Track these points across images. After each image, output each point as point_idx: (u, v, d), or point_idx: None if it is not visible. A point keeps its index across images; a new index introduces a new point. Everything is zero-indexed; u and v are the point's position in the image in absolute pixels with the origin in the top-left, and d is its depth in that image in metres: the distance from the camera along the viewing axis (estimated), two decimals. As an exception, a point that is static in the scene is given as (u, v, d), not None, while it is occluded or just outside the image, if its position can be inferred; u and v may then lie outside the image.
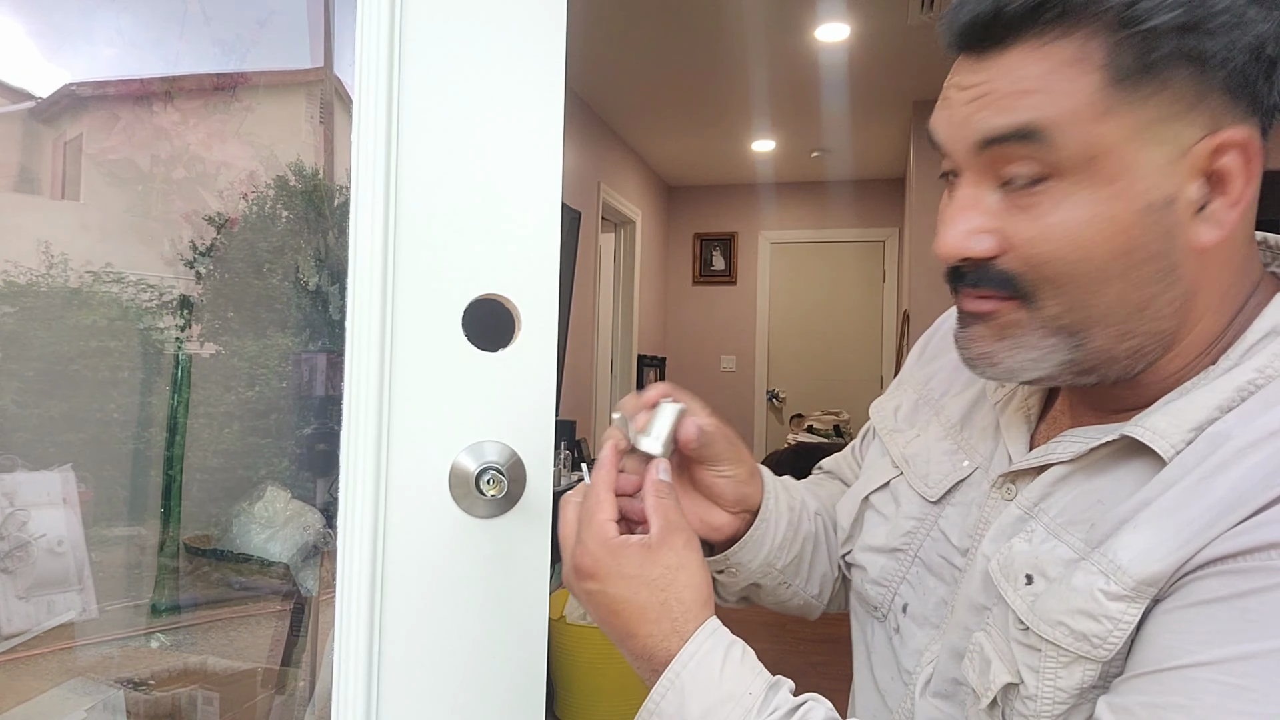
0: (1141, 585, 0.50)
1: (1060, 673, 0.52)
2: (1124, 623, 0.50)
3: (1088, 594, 0.51)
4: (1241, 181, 0.52)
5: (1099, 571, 0.51)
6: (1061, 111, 0.51)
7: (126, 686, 1.11)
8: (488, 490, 0.65)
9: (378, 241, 0.64)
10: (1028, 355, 0.56)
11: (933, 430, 0.72)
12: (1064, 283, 0.53)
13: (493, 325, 0.67)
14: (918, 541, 0.69)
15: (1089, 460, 0.58)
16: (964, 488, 0.67)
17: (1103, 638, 0.51)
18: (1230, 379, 0.53)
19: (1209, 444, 0.51)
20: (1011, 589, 0.56)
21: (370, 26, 0.65)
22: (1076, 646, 0.52)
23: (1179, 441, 0.53)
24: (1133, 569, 0.50)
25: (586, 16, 3.48)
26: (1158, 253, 0.52)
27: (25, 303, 1.05)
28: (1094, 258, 0.52)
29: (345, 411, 0.65)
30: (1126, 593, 0.50)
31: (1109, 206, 0.51)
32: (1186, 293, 0.54)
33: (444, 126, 0.66)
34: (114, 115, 1.13)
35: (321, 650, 1.16)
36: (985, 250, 0.55)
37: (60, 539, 1.05)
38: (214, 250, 1.13)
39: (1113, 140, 0.51)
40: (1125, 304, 0.53)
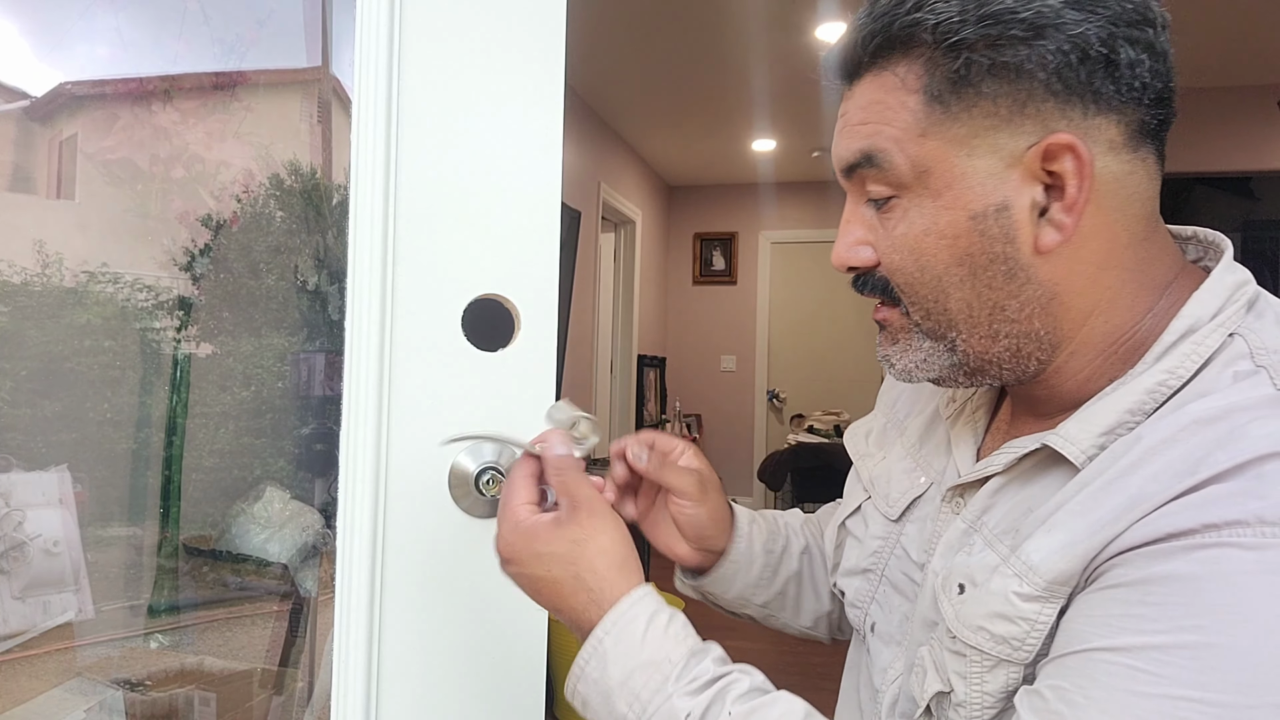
0: (1052, 585, 0.51)
1: (985, 677, 0.54)
2: (1039, 623, 0.51)
3: (1003, 597, 0.53)
4: (1075, 184, 0.53)
5: (1013, 574, 0.53)
6: (891, 134, 0.56)
7: (124, 687, 1.10)
8: (487, 490, 0.65)
9: (377, 241, 0.64)
10: (915, 357, 0.61)
11: (895, 451, 0.73)
12: (915, 290, 0.58)
13: (493, 325, 0.67)
14: (883, 561, 0.70)
15: (1020, 470, 0.59)
16: (920, 504, 0.68)
17: (1020, 639, 0.52)
18: (1140, 382, 0.54)
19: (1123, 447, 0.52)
20: (946, 600, 0.57)
21: (370, 26, 0.64)
22: (997, 650, 0.53)
23: (1089, 446, 0.54)
24: (1043, 568, 0.51)
25: (586, 16, 3.48)
26: (997, 256, 0.55)
27: (20, 302, 1.04)
28: (934, 265, 0.56)
29: (344, 411, 0.64)
30: (1039, 593, 0.51)
31: (940, 217, 0.55)
32: (1046, 294, 0.56)
33: (444, 126, 0.66)
34: (113, 114, 1.12)
35: (320, 651, 1.16)
36: (865, 260, 0.60)
37: (56, 539, 1.05)
38: (212, 250, 1.13)
39: (937, 155, 0.55)
40: (979, 306, 0.56)
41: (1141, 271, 0.57)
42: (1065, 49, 0.52)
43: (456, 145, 0.66)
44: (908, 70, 0.55)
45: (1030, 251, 0.55)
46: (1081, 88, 0.52)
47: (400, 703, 0.65)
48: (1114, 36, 0.52)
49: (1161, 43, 0.54)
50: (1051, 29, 0.51)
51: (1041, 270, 0.55)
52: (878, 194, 0.58)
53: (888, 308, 0.62)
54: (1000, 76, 0.53)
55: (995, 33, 0.52)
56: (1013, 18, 0.52)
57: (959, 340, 0.58)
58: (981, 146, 0.54)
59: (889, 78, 0.56)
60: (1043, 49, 0.52)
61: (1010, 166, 0.54)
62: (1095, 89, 0.53)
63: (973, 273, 0.56)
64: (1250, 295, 0.57)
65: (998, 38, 0.52)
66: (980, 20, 0.52)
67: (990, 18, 0.52)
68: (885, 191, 0.57)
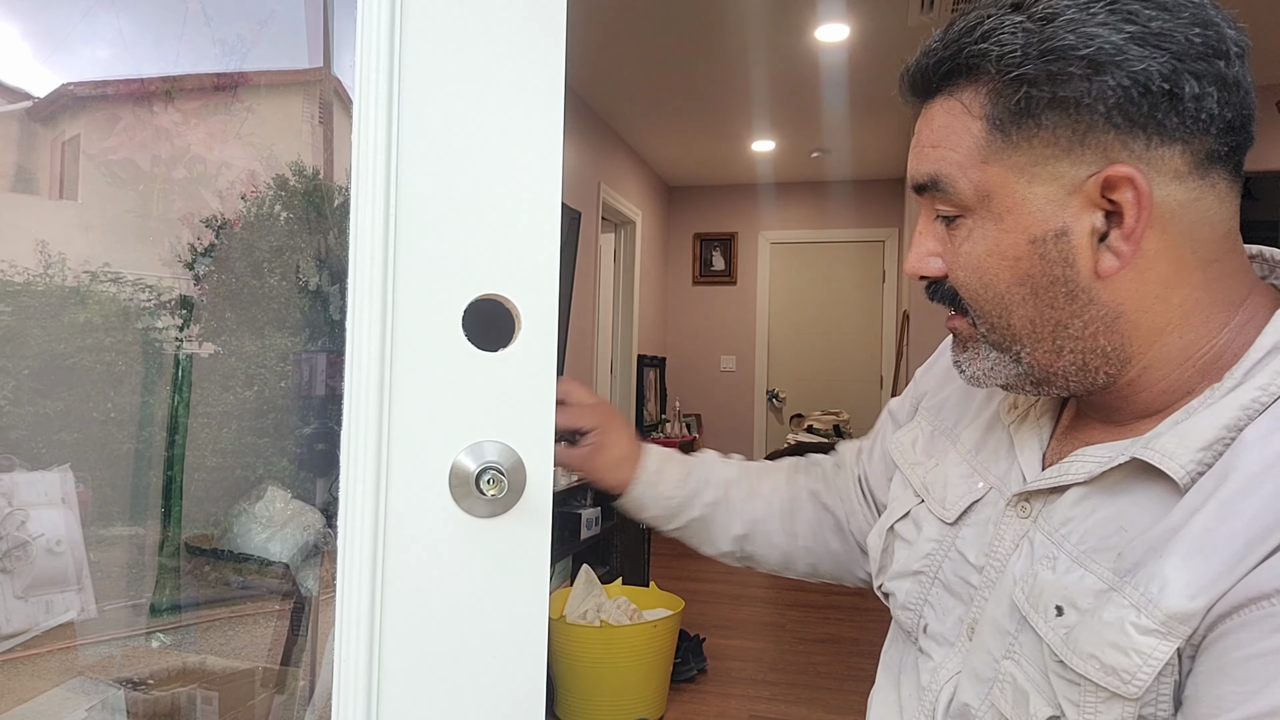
0: (1171, 621, 0.50)
1: (1100, 708, 0.53)
2: (1154, 659, 0.50)
3: (1118, 627, 0.52)
4: (1133, 214, 0.55)
5: (1130, 604, 0.52)
6: (955, 159, 0.59)
7: (126, 686, 1.10)
8: (488, 490, 0.65)
9: (378, 241, 0.64)
10: (983, 365, 0.63)
11: (950, 458, 0.74)
12: (980, 305, 0.61)
13: (493, 325, 0.67)
14: (936, 563, 0.70)
15: (1105, 482, 0.59)
16: (979, 508, 0.69)
17: (1131, 673, 0.51)
18: (1235, 397, 0.54)
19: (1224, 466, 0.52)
20: (1042, 620, 0.57)
21: (370, 27, 0.64)
22: (1107, 681, 0.52)
23: (1189, 462, 0.54)
24: (1163, 603, 0.50)
25: (586, 17, 3.48)
26: (1058, 279, 0.57)
27: (23, 302, 1.05)
28: (996, 284, 0.59)
29: (345, 411, 0.65)
30: (1156, 627, 0.50)
31: (1002, 240, 0.58)
32: (1111, 314, 0.57)
33: (444, 126, 0.66)
34: (114, 115, 1.13)
35: (321, 650, 1.16)
36: (935, 271, 0.63)
37: (59, 539, 1.05)
38: (214, 250, 1.13)
39: (998, 181, 0.57)
40: (1041, 324, 0.59)
41: (1214, 290, 0.58)
42: (1126, 84, 0.53)
43: (457, 146, 0.66)
44: (973, 98, 0.58)
45: (1090, 275, 0.57)
46: (1144, 120, 0.54)
47: (400, 702, 0.66)
48: (1178, 71, 0.53)
49: (1235, 73, 0.55)
50: (1112, 66, 0.53)
51: (1104, 292, 0.57)
52: (946, 212, 0.61)
53: (959, 317, 0.64)
54: (1060, 110, 0.54)
55: (1055, 69, 0.54)
56: (1073, 54, 0.53)
57: (1024, 353, 0.60)
58: (1041, 174, 0.56)
59: (955, 103, 0.59)
60: (1103, 84, 0.53)
61: (1071, 194, 0.56)
62: (1159, 121, 0.54)
63: (1034, 293, 0.58)
64: None
65: (1058, 73, 0.54)
66: (1042, 55, 0.54)
67: (1052, 53, 0.53)
68: (951, 211, 0.60)
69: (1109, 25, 0.53)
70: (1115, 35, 0.53)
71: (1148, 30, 0.53)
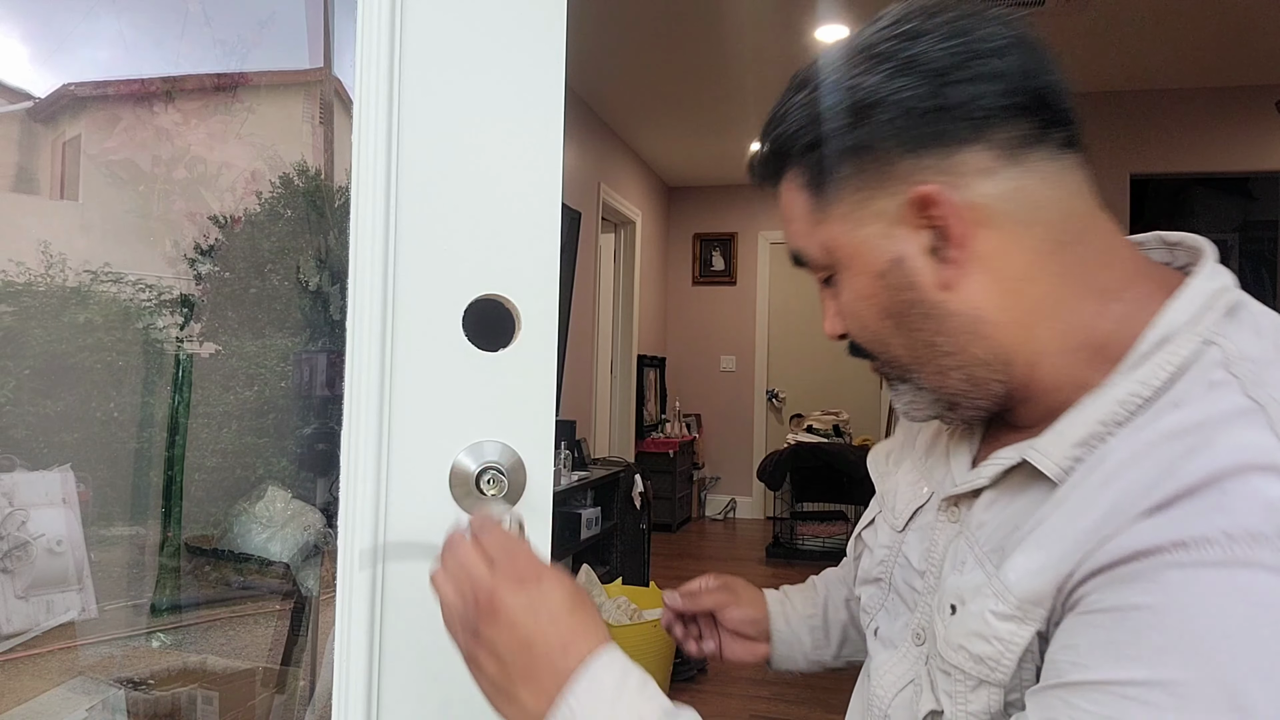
0: (1025, 604, 0.52)
1: (969, 697, 0.55)
2: (1013, 644, 0.53)
3: (980, 616, 0.55)
4: (958, 224, 0.57)
5: (992, 594, 0.55)
6: (800, 230, 0.65)
7: (127, 686, 1.11)
8: (488, 490, 0.65)
9: (378, 241, 0.64)
10: (903, 399, 0.66)
11: (905, 464, 0.76)
12: (870, 347, 0.65)
13: (493, 325, 0.67)
14: (889, 569, 0.72)
15: (1006, 484, 0.61)
16: (922, 513, 0.70)
17: (996, 660, 0.53)
18: (1111, 393, 0.55)
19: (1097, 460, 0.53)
20: (940, 621, 0.59)
21: (371, 27, 0.65)
22: (976, 670, 0.55)
23: (1062, 458, 0.55)
24: (1017, 588, 0.53)
25: (586, 16, 3.48)
26: (910, 302, 0.60)
27: (24, 302, 1.05)
28: (869, 324, 0.63)
29: (346, 411, 0.65)
30: (1013, 612, 0.53)
31: (856, 283, 0.62)
32: (970, 320, 0.59)
33: (444, 126, 0.66)
34: (115, 116, 1.13)
35: (322, 650, 1.16)
36: (837, 330, 0.68)
37: (59, 538, 1.05)
38: (214, 250, 1.13)
39: (834, 235, 0.62)
40: (916, 348, 0.62)
41: (1076, 275, 0.59)
42: (894, 115, 0.57)
43: (457, 146, 0.67)
44: (792, 175, 0.64)
45: (936, 290, 0.59)
46: (926, 138, 0.57)
47: (401, 702, 0.66)
48: (937, 87, 0.57)
49: (1007, 64, 0.57)
50: (878, 104, 0.58)
51: (955, 303, 0.59)
52: (821, 277, 0.66)
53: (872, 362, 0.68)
54: (853, 157, 0.60)
55: (835, 125, 0.60)
56: (843, 107, 0.59)
57: (919, 379, 0.63)
58: (864, 216, 0.60)
59: (785, 184, 0.66)
60: (876, 122, 0.58)
61: (894, 225, 0.59)
62: (940, 133, 0.57)
63: (898, 322, 0.61)
64: (1231, 301, 0.57)
65: (838, 128, 0.60)
66: (820, 119, 0.60)
67: (827, 113, 0.60)
68: (822, 274, 0.66)
69: (868, 72, 0.58)
70: (873, 78, 0.58)
71: (899, 63, 0.57)
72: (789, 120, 0.63)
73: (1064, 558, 0.51)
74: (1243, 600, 0.45)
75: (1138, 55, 3.85)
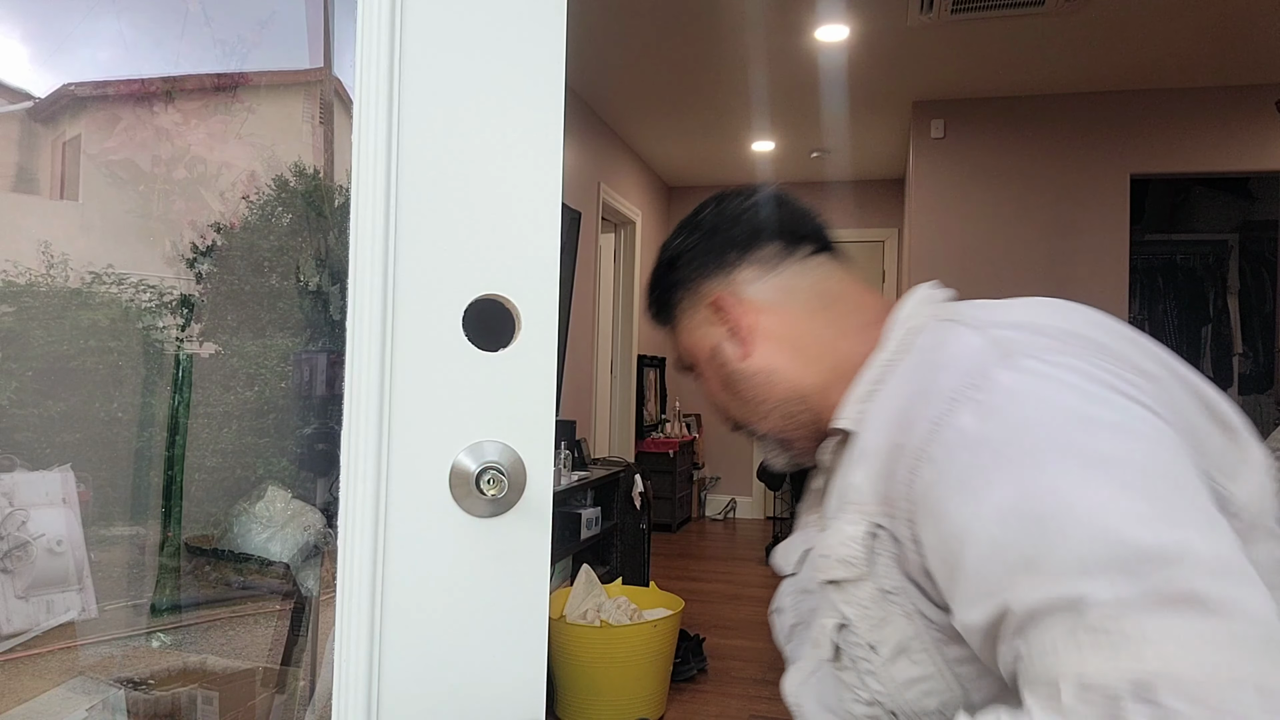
0: (857, 507, 0.71)
1: (856, 593, 0.70)
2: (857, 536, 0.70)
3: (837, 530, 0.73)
4: (739, 315, 0.85)
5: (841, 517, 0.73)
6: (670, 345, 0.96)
7: (127, 686, 1.11)
8: (488, 490, 0.65)
9: (378, 241, 0.64)
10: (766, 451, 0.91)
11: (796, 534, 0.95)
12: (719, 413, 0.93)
13: (493, 325, 0.67)
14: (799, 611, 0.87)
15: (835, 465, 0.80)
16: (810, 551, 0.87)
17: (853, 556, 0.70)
18: (875, 362, 0.78)
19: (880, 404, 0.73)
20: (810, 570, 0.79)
21: (371, 28, 0.65)
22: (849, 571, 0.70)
23: (851, 412, 0.77)
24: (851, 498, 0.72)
25: (586, 16, 3.48)
26: (732, 373, 0.87)
27: (24, 303, 1.05)
28: (715, 395, 0.91)
29: (346, 411, 0.65)
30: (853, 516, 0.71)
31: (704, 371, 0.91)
32: (766, 374, 0.85)
33: (444, 126, 0.66)
34: (115, 116, 1.13)
35: (322, 650, 1.16)
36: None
37: (59, 539, 1.05)
38: (214, 250, 1.13)
39: (681, 342, 0.93)
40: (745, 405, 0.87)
41: (841, 322, 0.84)
42: (678, 263, 0.90)
43: (457, 146, 0.67)
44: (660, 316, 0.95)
45: (739, 360, 0.86)
46: (704, 270, 0.88)
47: (401, 702, 0.66)
48: (707, 246, 0.88)
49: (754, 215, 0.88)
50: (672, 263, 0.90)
51: (753, 366, 0.85)
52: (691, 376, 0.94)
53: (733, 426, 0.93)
54: (671, 294, 0.91)
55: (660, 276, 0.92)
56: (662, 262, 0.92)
57: (754, 428, 0.89)
58: (690, 326, 0.90)
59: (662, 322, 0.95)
60: (671, 270, 0.91)
61: (703, 325, 0.89)
62: (723, 261, 0.87)
63: (729, 389, 0.88)
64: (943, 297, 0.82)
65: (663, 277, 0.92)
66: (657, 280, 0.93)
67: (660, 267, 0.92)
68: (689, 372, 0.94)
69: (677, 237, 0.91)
70: (677, 239, 0.91)
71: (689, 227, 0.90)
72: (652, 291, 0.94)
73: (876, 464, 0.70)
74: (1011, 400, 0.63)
75: (1138, 55, 3.84)
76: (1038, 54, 3.85)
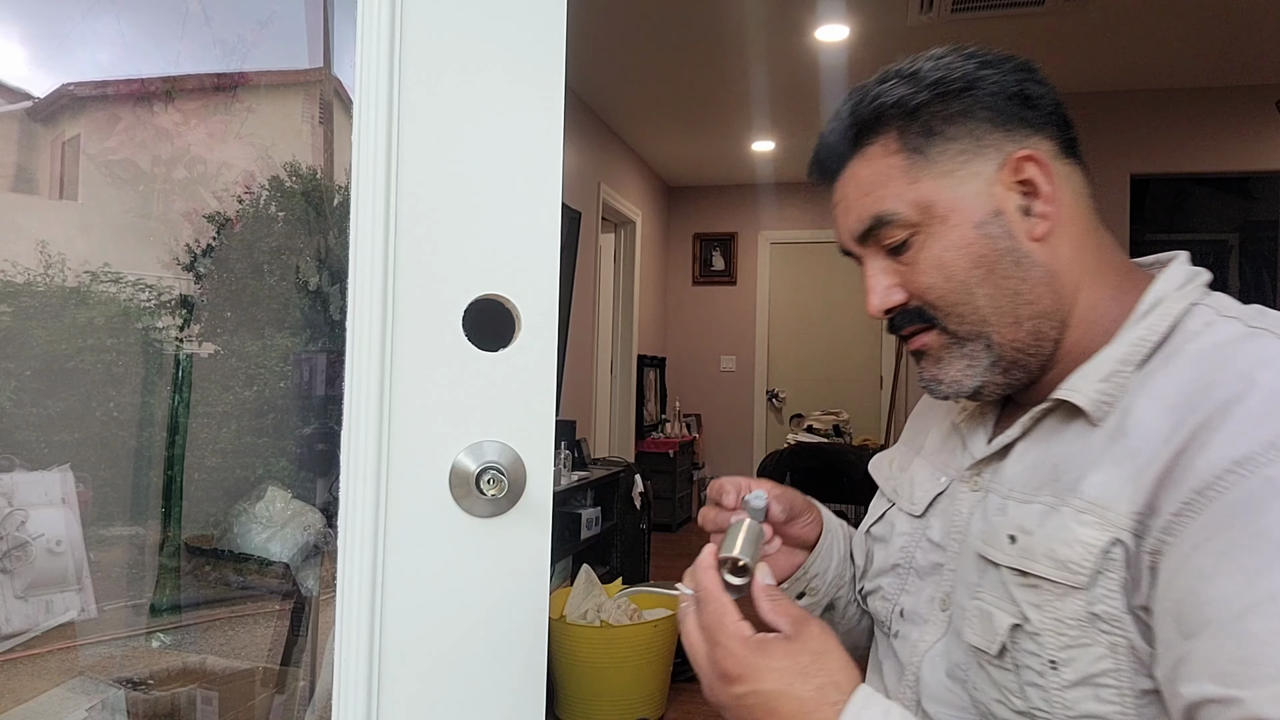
0: (1101, 509, 0.60)
1: (1057, 605, 0.61)
2: (1094, 546, 0.60)
3: (1063, 526, 0.62)
4: (1045, 183, 0.68)
5: (1072, 510, 0.62)
6: (890, 193, 0.71)
7: (126, 686, 1.11)
8: (488, 490, 0.65)
9: (378, 241, 0.64)
10: (958, 366, 0.71)
11: (915, 463, 0.85)
12: (947, 299, 0.70)
13: (493, 325, 0.67)
14: (909, 554, 0.79)
15: (1037, 432, 0.70)
16: (942, 499, 0.78)
17: (1078, 563, 0.60)
18: (1124, 338, 0.67)
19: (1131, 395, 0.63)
20: (999, 552, 0.66)
21: (371, 28, 0.65)
22: (1060, 575, 0.61)
23: (1091, 391, 0.65)
24: (1097, 499, 0.61)
25: (586, 16, 3.48)
26: (1005, 250, 0.69)
27: (24, 302, 1.05)
28: (958, 273, 0.69)
29: (345, 411, 0.65)
30: (1094, 519, 0.60)
31: (953, 235, 0.69)
32: (1047, 273, 0.69)
33: (444, 126, 0.66)
34: (114, 115, 1.13)
35: (322, 650, 1.16)
36: (898, 300, 0.73)
37: (59, 539, 1.05)
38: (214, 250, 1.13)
39: (933, 192, 0.70)
40: (999, 297, 0.69)
41: (1102, 253, 0.72)
42: (994, 92, 0.70)
43: (457, 146, 0.67)
44: (885, 142, 0.71)
45: (1028, 240, 0.69)
46: (1015, 119, 0.70)
47: (401, 702, 0.66)
48: (1022, 80, 0.70)
49: (1051, 90, 0.72)
50: (980, 81, 0.70)
51: (1039, 254, 0.69)
52: (895, 241, 0.71)
53: (924, 334, 0.73)
54: (956, 122, 0.70)
55: (942, 90, 0.70)
56: (947, 81, 0.70)
57: (992, 333, 0.70)
58: (963, 175, 0.69)
59: (871, 151, 0.72)
60: (975, 97, 0.70)
61: (991, 184, 0.69)
62: (1023, 117, 0.70)
63: (989, 269, 0.69)
64: (1208, 280, 0.70)
65: (945, 93, 0.70)
66: (928, 87, 0.70)
67: (934, 84, 0.70)
68: (902, 235, 0.71)
69: (959, 62, 0.71)
70: (966, 64, 0.70)
71: (986, 59, 0.71)
72: (885, 97, 0.71)
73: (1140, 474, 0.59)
74: None
75: (1138, 55, 3.84)
76: (1038, 54, 3.82)
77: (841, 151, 0.74)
